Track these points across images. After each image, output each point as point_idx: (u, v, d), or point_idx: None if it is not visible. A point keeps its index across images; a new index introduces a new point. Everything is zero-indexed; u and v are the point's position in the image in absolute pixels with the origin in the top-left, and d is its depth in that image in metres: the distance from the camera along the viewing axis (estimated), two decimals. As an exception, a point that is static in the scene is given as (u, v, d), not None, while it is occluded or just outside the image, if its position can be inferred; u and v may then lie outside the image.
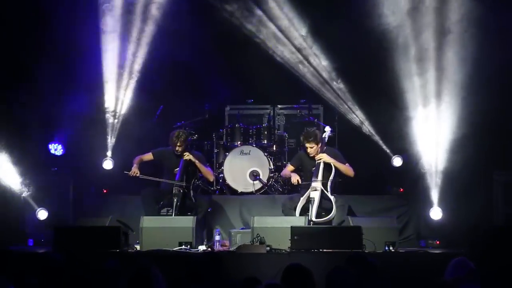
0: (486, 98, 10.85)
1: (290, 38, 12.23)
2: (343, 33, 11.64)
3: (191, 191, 10.88)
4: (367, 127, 12.16)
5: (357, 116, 12.23)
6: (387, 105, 11.64)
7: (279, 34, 12.22)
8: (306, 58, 12.25)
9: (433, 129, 11.33)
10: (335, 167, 10.68)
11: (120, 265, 6.95)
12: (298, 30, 12.18)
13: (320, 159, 10.71)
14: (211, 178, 11.43)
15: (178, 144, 10.89)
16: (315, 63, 12.23)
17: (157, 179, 10.96)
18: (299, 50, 12.24)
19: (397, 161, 12.00)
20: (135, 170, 10.82)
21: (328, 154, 10.78)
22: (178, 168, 10.90)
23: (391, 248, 9.81)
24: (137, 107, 12.15)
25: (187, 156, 10.90)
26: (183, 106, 13.01)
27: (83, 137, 11.84)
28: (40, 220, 11.13)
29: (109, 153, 11.94)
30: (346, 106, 12.27)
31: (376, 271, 7.01)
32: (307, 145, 10.73)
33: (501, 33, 10.90)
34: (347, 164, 10.80)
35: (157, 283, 6.26)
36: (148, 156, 11.13)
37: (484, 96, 10.85)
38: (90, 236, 9.73)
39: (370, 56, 11.63)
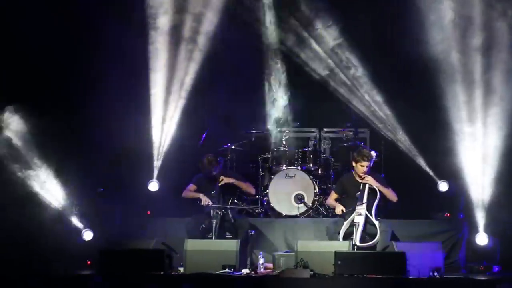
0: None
1: (335, 65, 12.47)
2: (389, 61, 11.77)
3: (229, 212, 10.97)
4: (413, 151, 12.17)
5: (403, 141, 12.27)
6: (433, 129, 11.70)
7: (323, 57, 12.46)
8: (350, 82, 12.45)
9: (479, 151, 11.30)
10: (380, 192, 10.66)
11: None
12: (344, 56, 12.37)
13: (366, 181, 10.67)
14: (253, 191, 11.53)
15: (212, 169, 11.11)
16: (361, 88, 12.44)
17: (226, 206, 11.04)
18: (342, 73, 12.44)
19: (443, 186, 12.03)
20: (207, 200, 10.98)
21: (374, 179, 10.77)
22: (214, 191, 11.07)
23: (435, 274, 9.70)
24: (183, 130, 12.35)
25: (223, 181, 11.09)
26: (228, 129, 13.13)
27: (128, 158, 12.04)
28: (85, 241, 11.25)
29: (155, 175, 12.09)
30: (392, 131, 12.41)
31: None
32: (363, 163, 10.66)
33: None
34: (390, 189, 10.76)
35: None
36: (193, 188, 11.32)
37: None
38: (135, 259, 9.83)
39: (415, 77, 11.80)
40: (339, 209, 10.80)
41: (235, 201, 11.52)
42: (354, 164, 10.80)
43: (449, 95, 11.39)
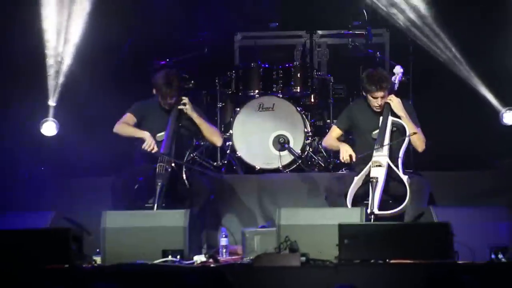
0: None
1: None
2: None
3: (183, 170, 10.80)
4: (461, 64, 12.23)
5: (445, 49, 12.33)
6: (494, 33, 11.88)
7: None
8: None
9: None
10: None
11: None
12: None
13: (389, 100, 10.54)
14: (219, 141, 11.32)
15: (170, 93, 10.83)
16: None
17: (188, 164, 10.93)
18: None
19: (508, 117, 12.13)
20: (152, 143, 10.67)
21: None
22: (163, 133, 10.86)
23: (500, 256, 9.49)
24: (96, 42, 12.37)
25: (184, 101, 10.85)
26: (168, 37, 13.19)
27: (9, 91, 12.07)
28: None
29: (51, 113, 12.04)
30: (427, 32, 12.44)
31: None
32: (377, 93, 10.54)
33: None
34: (419, 129, 10.64)
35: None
36: (131, 119, 10.99)
37: None
38: (21, 244, 9.50)
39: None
40: (346, 154, 10.56)
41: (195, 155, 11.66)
42: (364, 93, 10.74)
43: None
